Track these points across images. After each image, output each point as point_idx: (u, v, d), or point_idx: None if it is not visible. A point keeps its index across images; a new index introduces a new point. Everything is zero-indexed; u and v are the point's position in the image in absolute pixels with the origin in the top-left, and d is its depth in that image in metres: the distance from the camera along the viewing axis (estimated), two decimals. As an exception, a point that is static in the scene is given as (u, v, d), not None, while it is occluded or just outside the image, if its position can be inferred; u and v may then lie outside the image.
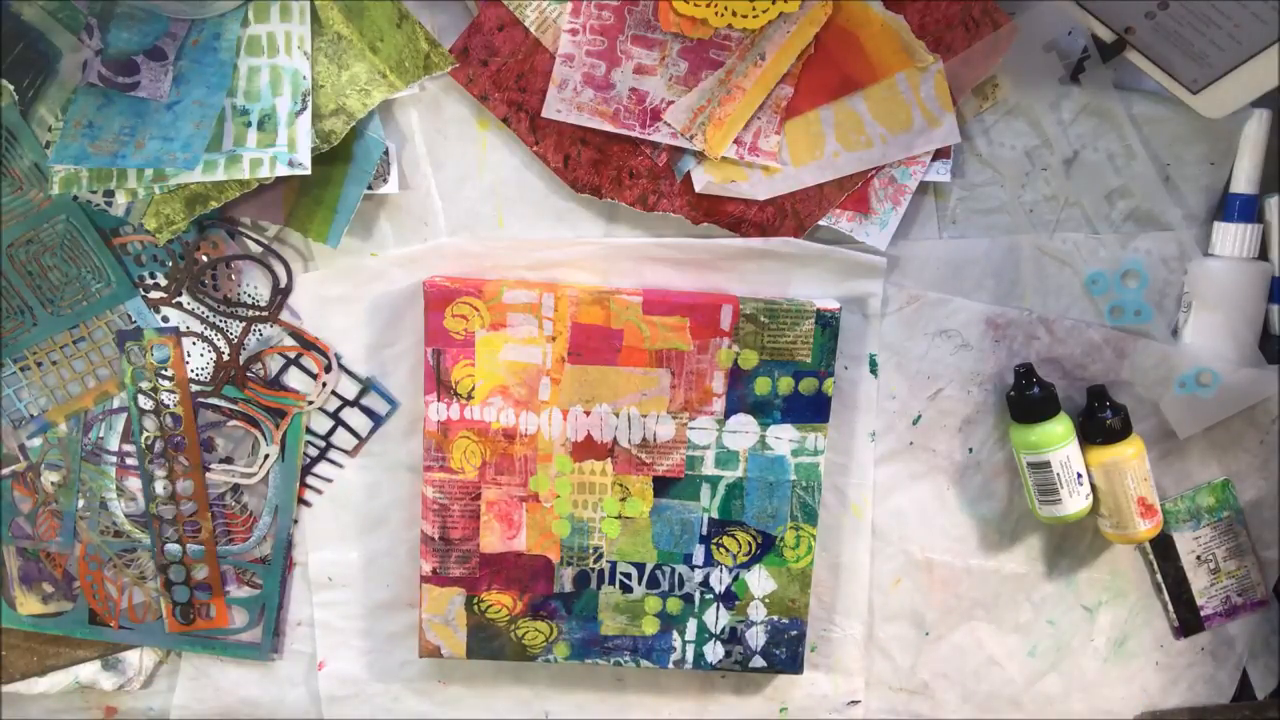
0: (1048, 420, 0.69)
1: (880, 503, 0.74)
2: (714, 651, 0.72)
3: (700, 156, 0.67)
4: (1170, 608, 0.76)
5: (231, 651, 0.74)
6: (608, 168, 0.67)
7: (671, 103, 0.66)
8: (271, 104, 0.63)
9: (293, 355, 0.70)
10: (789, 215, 0.68)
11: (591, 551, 0.70)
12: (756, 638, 0.72)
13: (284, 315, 0.70)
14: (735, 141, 0.66)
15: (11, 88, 0.63)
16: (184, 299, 0.69)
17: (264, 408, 0.71)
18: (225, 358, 0.70)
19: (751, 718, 0.77)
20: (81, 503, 0.72)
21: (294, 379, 0.71)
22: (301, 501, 0.73)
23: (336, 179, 0.66)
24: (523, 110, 0.66)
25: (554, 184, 0.68)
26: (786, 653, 0.72)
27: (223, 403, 0.71)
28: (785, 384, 0.68)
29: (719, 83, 0.65)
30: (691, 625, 0.72)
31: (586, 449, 0.68)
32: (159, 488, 0.71)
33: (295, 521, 0.73)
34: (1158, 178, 0.68)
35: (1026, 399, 0.69)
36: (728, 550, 0.70)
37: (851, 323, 0.70)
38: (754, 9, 0.63)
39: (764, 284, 0.69)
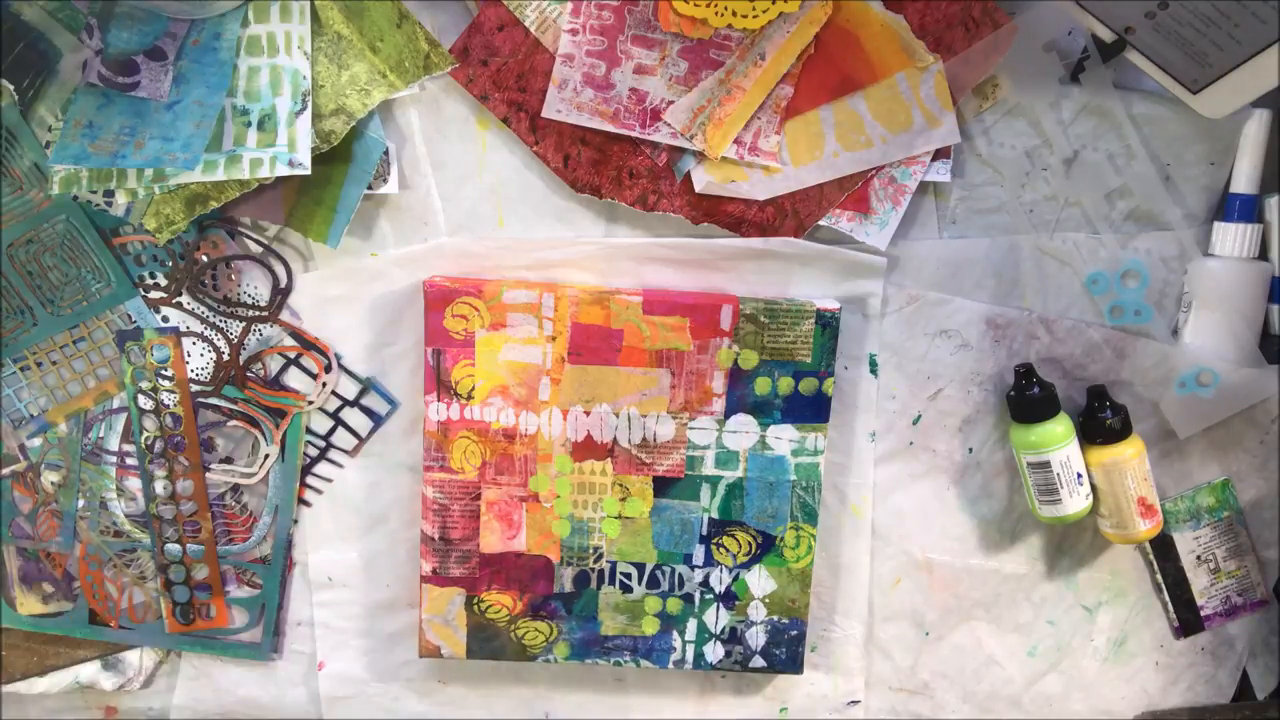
0: (1048, 420, 0.69)
1: (880, 503, 0.74)
2: (714, 651, 0.72)
3: (700, 156, 0.67)
4: (1170, 608, 0.76)
5: (231, 651, 0.74)
6: (608, 168, 0.67)
7: (671, 103, 0.66)
8: (271, 104, 0.63)
9: (293, 355, 0.70)
10: (789, 215, 0.68)
11: (591, 551, 0.70)
12: (756, 638, 0.72)
13: (284, 315, 0.70)
14: (735, 141, 0.66)
15: (11, 88, 0.63)
16: (184, 299, 0.69)
17: (264, 408, 0.71)
18: (225, 358, 0.70)
19: (751, 718, 0.77)
20: (81, 503, 0.72)
21: (294, 379, 0.71)
22: (301, 501, 0.73)
23: (336, 179, 0.66)
24: (523, 110, 0.66)
25: (554, 184, 0.68)
26: (786, 653, 0.72)
27: (223, 403, 0.71)
28: (785, 384, 0.68)
29: (719, 83, 0.65)
30: (691, 625, 0.72)
31: (586, 449, 0.68)
32: (159, 488, 0.71)
33: (295, 521, 0.73)
34: (1158, 178, 0.68)
35: (1026, 399, 0.69)
36: (728, 550, 0.70)
37: (851, 323, 0.70)
38: (754, 9, 0.63)
39: (764, 284, 0.69)
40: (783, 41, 0.64)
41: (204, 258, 0.68)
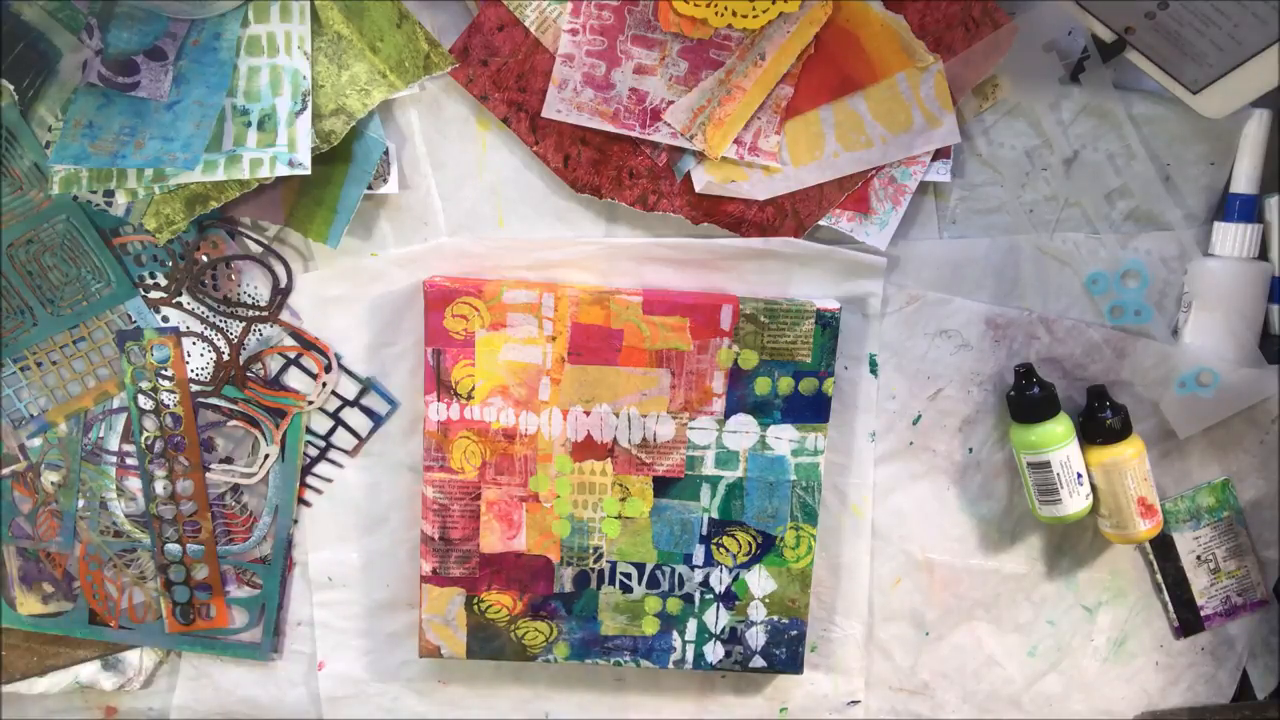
0: (1048, 420, 0.69)
1: (880, 503, 0.74)
2: (714, 651, 0.72)
3: (700, 156, 0.67)
4: (1170, 608, 0.76)
5: (231, 651, 0.74)
6: (608, 168, 0.67)
7: (671, 103, 0.66)
8: (271, 104, 0.63)
9: (293, 355, 0.70)
10: (789, 215, 0.68)
11: (591, 551, 0.70)
12: (756, 638, 0.72)
13: (284, 315, 0.70)
14: (735, 141, 0.66)
15: (11, 88, 0.63)
16: (184, 299, 0.69)
17: (264, 408, 0.71)
18: (225, 358, 0.70)
19: (751, 718, 0.77)
20: (81, 503, 0.72)
21: (294, 379, 0.71)
22: (301, 501, 0.73)
23: (336, 179, 0.66)
24: (523, 110, 0.66)
25: (554, 184, 0.68)
26: (786, 653, 0.72)
27: (223, 403, 0.71)
28: (785, 384, 0.68)
29: (719, 83, 0.65)
30: (691, 625, 0.72)
31: (586, 449, 0.68)
32: (159, 488, 0.71)
33: (295, 521, 0.73)
34: (1158, 178, 0.68)
35: (1026, 399, 0.69)
36: (728, 550, 0.70)
37: (851, 323, 0.70)
38: (754, 9, 0.63)
39: (764, 284, 0.69)
40: (783, 41, 0.64)
41: (204, 258, 0.68)
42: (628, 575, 0.71)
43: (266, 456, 0.71)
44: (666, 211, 0.68)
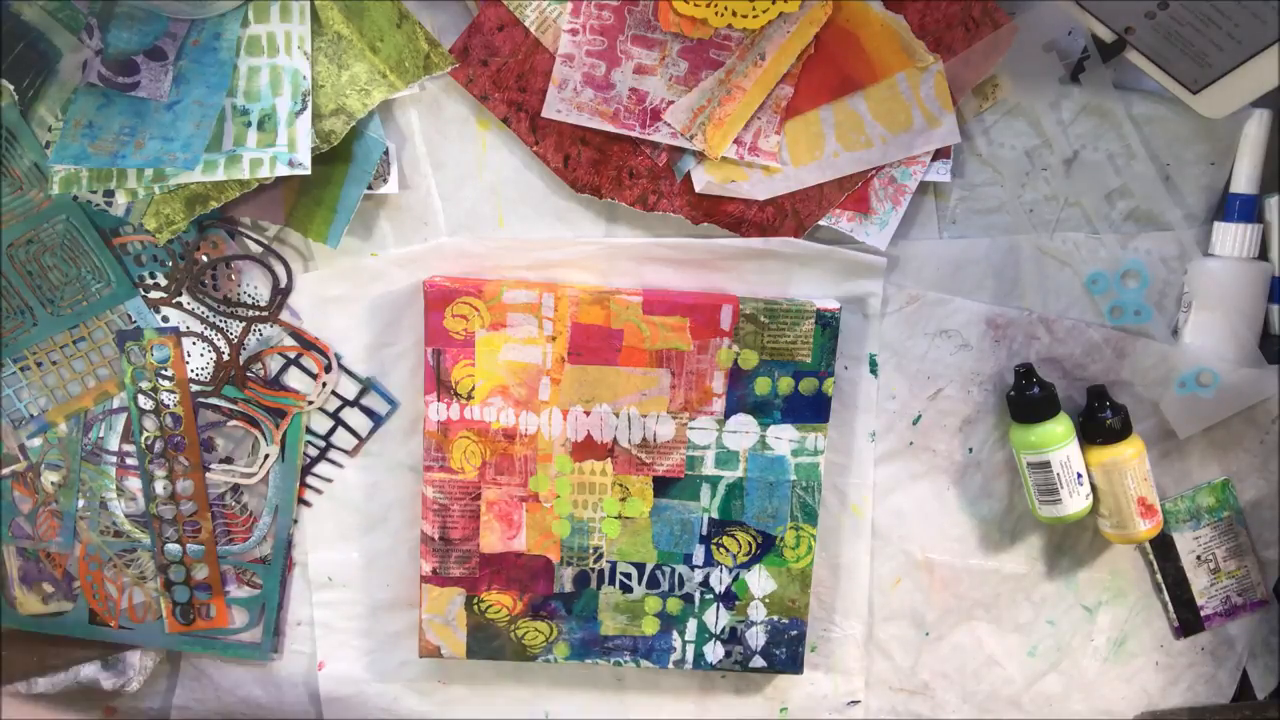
0: (1048, 420, 0.69)
1: (880, 503, 0.74)
2: (714, 651, 0.72)
3: (700, 156, 0.67)
4: (1170, 608, 0.76)
5: (231, 651, 0.74)
6: (608, 168, 0.67)
7: (671, 103, 0.66)
8: (271, 104, 0.63)
9: (293, 355, 0.70)
10: (789, 215, 0.68)
11: (591, 551, 0.70)
12: (756, 638, 0.72)
13: (284, 315, 0.70)
14: (735, 141, 0.66)
15: (11, 88, 0.63)
16: (184, 299, 0.69)
17: (264, 408, 0.71)
18: (225, 358, 0.70)
19: (751, 718, 0.77)
20: (81, 503, 0.72)
21: (294, 379, 0.71)
22: (301, 501, 0.73)
23: (336, 179, 0.66)
24: (523, 110, 0.66)
25: (554, 184, 0.68)
26: (786, 653, 0.72)
27: (223, 403, 0.71)
28: (785, 384, 0.68)
29: (719, 83, 0.65)
30: (691, 625, 0.72)
31: (586, 449, 0.68)
32: (159, 488, 0.71)
33: (295, 521, 0.73)
34: (1158, 178, 0.68)
35: (1026, 399, 0.69)
36: (728, 550, 0.70)
37: (851, 323, 0.70)
38: (754, 9, 0.63)
39: (764, 284, 0.69)
40: (783, 41, 0.64)
41: (204, 258, 0.68)
42: (628, 575, 0.71)
43: (266, 456, 0.71)
44: (666, 211, 0.68)
